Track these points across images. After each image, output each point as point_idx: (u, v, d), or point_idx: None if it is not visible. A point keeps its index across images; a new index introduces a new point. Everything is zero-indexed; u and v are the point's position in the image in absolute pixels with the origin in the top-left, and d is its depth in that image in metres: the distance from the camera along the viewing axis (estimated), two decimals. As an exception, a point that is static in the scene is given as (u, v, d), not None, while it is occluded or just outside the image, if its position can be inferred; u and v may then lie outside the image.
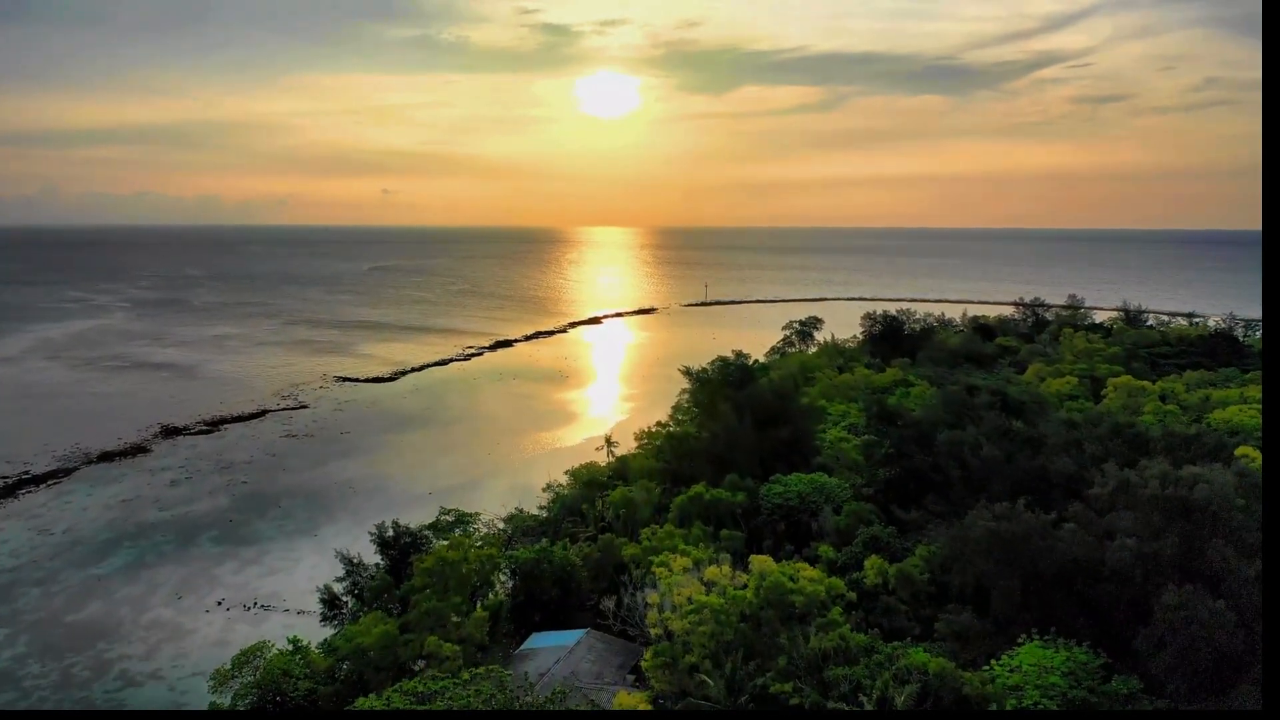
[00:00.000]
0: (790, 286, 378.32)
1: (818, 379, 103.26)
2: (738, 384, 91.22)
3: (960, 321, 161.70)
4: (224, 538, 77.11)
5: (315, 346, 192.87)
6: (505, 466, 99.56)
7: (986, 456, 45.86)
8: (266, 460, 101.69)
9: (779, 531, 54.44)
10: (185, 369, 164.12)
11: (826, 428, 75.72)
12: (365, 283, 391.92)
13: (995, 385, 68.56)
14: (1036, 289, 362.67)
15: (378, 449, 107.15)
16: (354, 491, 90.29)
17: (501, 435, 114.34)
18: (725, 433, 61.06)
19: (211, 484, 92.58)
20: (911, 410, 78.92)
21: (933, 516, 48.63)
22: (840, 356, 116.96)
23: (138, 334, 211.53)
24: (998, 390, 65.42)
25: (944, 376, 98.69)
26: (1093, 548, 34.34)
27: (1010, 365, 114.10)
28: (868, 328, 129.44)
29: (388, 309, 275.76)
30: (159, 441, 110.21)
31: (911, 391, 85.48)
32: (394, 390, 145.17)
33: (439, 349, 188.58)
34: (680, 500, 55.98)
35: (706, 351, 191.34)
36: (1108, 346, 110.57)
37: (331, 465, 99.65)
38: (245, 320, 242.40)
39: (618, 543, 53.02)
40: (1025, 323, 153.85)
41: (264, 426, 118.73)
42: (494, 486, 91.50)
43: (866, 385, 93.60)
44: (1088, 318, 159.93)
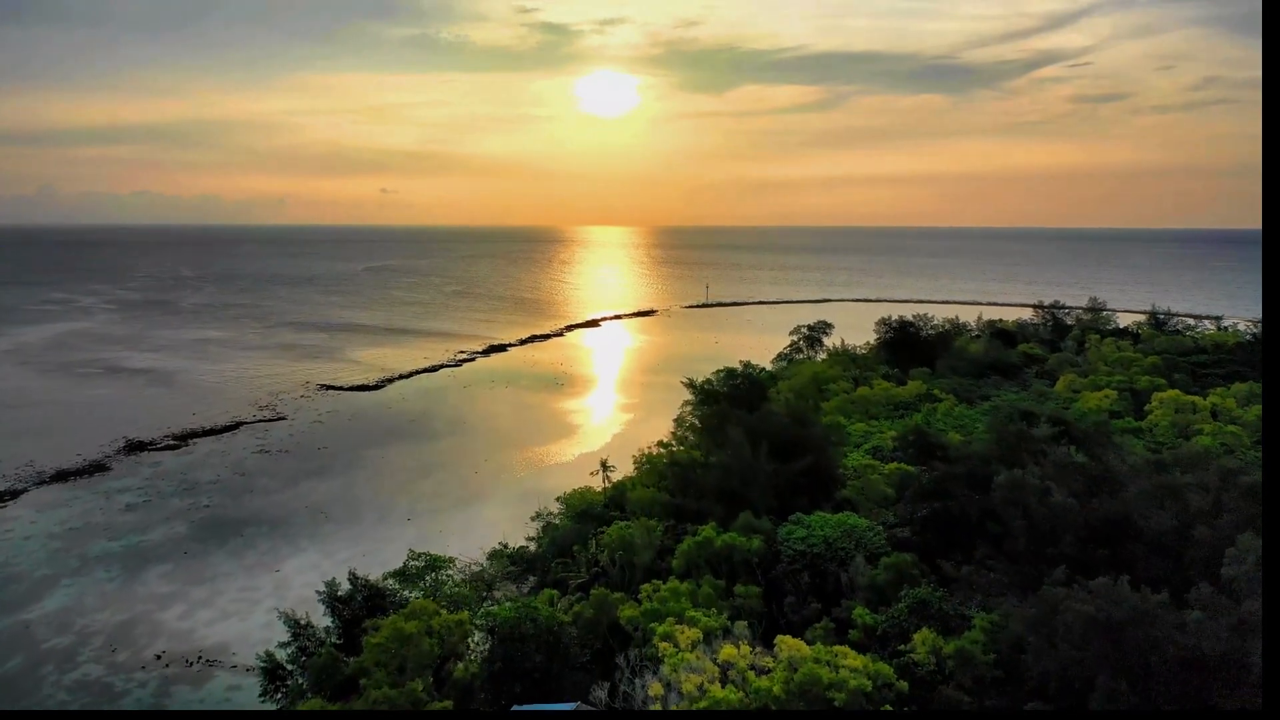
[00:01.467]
0: (792, 287, 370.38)
1: (832, 391, 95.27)
2: (747, 401, 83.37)
3: (976, 325, 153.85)
4: (176, 574, 69.05)
5: (301, 351, 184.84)
6: (492, 487, 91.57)
7: (1056, 505, 37.95)
8: (234, 481, 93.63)
9: (802, 584, 46.47)
10: (161, 376, 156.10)
11: (847, 450, 67.85)
12: (359, 283, 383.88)
13: (1055, 413, 60.35)
14: (1043, 289, 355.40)
15: (356, 466, 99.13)
16: (325, 517, 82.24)
17: (491, 450, 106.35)
18: (737, 462, 53.05)
19: (171, 508, 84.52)
20: (944, 432, 71.05)
21: (987, 571, 40.69)
22: (854, 365, 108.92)
23: (117, 338, 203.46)
24: (1058, 419, 57.36)
25: (970, 390, 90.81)
26: (1229, 645, 26.54)
27: (1037, 375, 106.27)
28: (882, 334, 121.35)
29: (379, 311, 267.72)
30: (121, 458, 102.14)
31: (939, 408, 77.53)
32: (379, 400, 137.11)
33: (429, 354, 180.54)
34: (686, 546, 47.99)
35: (708, 356, 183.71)
36: (1143, 355, 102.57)
37: (304, 486, 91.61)
38: (232, 323, 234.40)
39: (614, 599, 45.02)
40: (1045, 327, 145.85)
41: (236, 441, 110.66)
42: (479, 511, 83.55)
43: (888, 400, 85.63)
44: (1111, 321, 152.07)
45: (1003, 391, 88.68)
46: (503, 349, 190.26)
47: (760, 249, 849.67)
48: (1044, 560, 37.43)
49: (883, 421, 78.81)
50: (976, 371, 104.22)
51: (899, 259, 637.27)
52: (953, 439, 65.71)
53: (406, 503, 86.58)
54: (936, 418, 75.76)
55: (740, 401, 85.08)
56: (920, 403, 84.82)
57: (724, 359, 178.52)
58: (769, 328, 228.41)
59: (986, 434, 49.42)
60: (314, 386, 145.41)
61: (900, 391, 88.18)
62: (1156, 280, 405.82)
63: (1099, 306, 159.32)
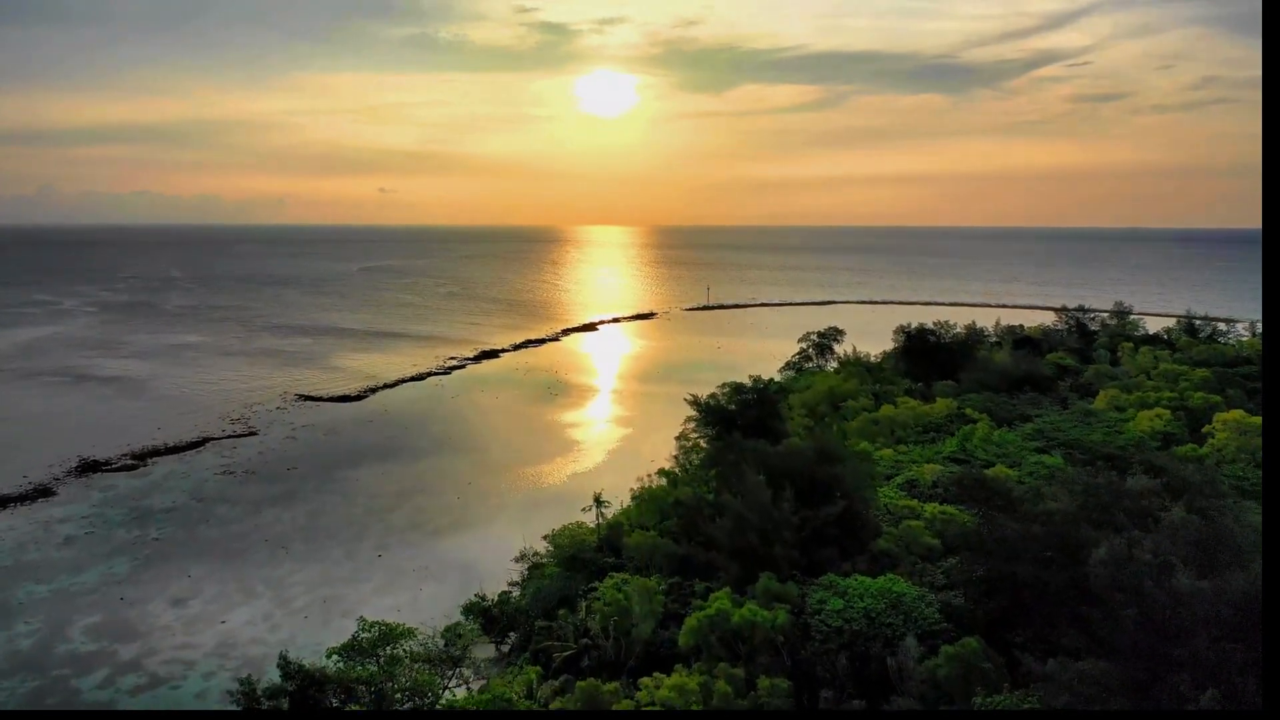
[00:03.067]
0: (795, 288, 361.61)
1: (850, 409, 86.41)
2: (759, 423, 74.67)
3: (994, 331, 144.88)
4: (104, 628, 60.12)
5: (283, 357, 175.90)
6: (476, 516, 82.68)
7: (1183, 590, 29.24)
8: (190, 508, 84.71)
9: (838, 669, 37.68)
10: (132, 385, 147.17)
11: (876, 481, 58.97)
12: (352, 284, 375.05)
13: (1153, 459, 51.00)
14: (1052, 290, 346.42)
15: (327, 490, 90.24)
16: (286, 553, 73.34)
17: (476, 471, 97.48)
18: (754, 512, 44.20)
19: (115, 542, 75.63)
20: (987, 462, 62.17)
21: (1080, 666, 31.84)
22: (871, 378, 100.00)
23: (92, 343, 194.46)
24: (1153, 465, 48.30)
25: (1005, 408, 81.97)
26: None
27: (1072, 389, 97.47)
28: (900, 342, 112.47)
29: (369, 314, 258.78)
30: (70, 481, 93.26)
31: (976, 432, 68.66)
32: (360, 412, 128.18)
33: (418, 360, 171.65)
34: (695, 621, 39.15)
35: (711, 363, 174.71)
36: (1189, 367, 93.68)
37: (266, 514, 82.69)
38: (215, 326, 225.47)
39: (606, 692, 36.16)
40: (1070, 333, 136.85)
41: (200, 460, 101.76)
42: (459, 545, 74.67)
43: (915, 421, 76.74)
44: (1139, 327, 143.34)
45: (1044, 411, 79.79)
46: (495, 355, 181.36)
47: (760, 249, 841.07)
48: (1168, 662, 28.63)
49: (913, 448, 69.99)
50: (1006, 385, 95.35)
51: (900, 259, 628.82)
52: (1002, 473, 56.92)
53: (379, 534, 77.67)
54: (974, 443, 66.93)
55: (751, 425, 76.44)
56: (951, 424, 75.94)
57: (727, 365, 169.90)
58: (773, 331, 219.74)
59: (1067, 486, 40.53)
60: (291, 397, 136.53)
61: (928, 410, 79.27)
62: (1165, 281, 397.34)
63: (1124, 310, 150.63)
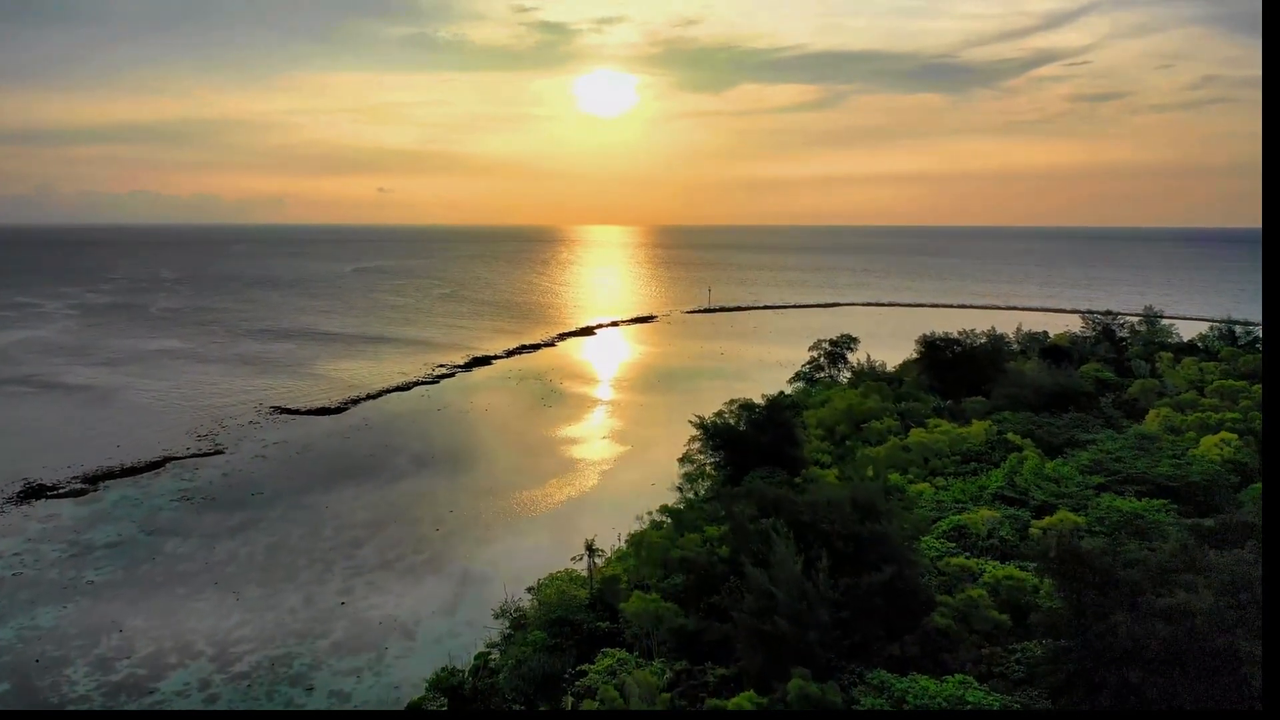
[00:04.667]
0: (796, 290, 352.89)
1: (873, 431, 77.51)
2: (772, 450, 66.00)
3: (1015, 338, 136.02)
4: (7, 701, 51.24)
5: (263, 364, 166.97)
6: (455, 551, 73.76)
7: None
8: (137, 542, 75.84)
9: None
10: (99, 395, 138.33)
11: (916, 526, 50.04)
12: (345, 286, 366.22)
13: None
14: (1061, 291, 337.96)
15: (291, 520, 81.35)
16: (236, 600, 64.45)
17: (458, 495, 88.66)
18: (784, 587, 35.33)
19: (44, 586, 66.73)
20: (1049, 502, 53.30)
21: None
22: (894, 394, 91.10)
23: (66, 348, 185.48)
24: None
25: (1050, 430, 73.07)
26: None
27: (1115, 406, 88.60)
28: (922, 352, 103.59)
29: (359, 317, 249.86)
30: (9, 509, 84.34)
31: (1025, 465, 59.74)
32: (339, 425, 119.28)
33: (405, 367, 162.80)
34: (711, 742, 30.36)
35: (714, 370, 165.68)
36: (1250, 384, 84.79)
37: (220, 550, 73.78)
38: (197, 330, 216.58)
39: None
40: (1100, 342, 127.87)
41: (157, 484, 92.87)
42: (434, 590, 65.82)
43: (951, 448, 67.79)
44: (1171, 334, 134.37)
45: (1094, 435, 70.84)
46: (487, 361, 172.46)
47: (760, 248, 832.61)
48: None
49: (952, 482, 61.05)
50: (1041, 401, 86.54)
51: (902, 259, 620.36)
52: (1068, 521, 48.06)
53: (344, 575, 68.79)
54: (1024, 477, 58.06)
55: (764, 450, 67.74)
56: (993, 451, 67.01)
57: (731, 374, 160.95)
58: (777, 335, 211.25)
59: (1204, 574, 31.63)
60: (267, 409, 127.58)
61: (965, 433, 70.32)
62: (1171, 282, 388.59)
63: (1154, 314, 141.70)
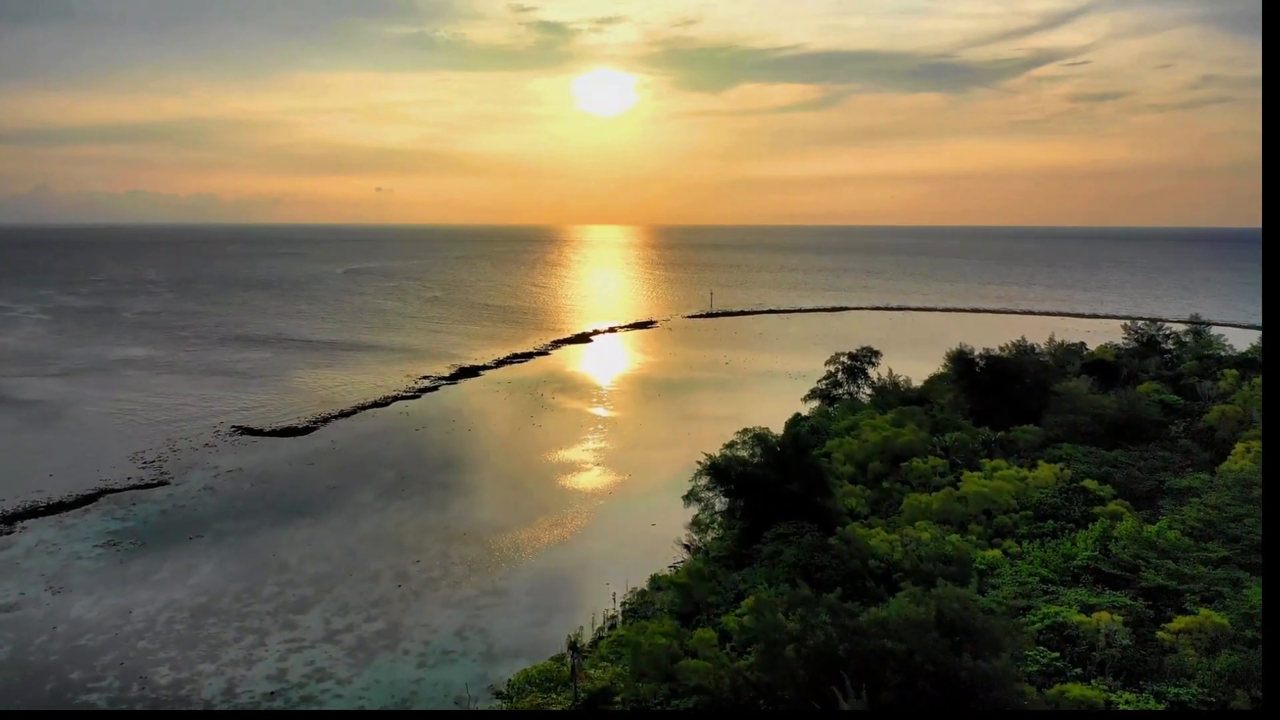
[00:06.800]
0: (800, 292, 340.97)
1: (915, 472, 65.48)
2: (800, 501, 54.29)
3: (1047, 350, 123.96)
4: None
5: (232, 375, 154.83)
6: (411, 622, 61.37)
7: None
8: (39, 603, 63.77)
9: None
10: (48, 411, 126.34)
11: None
12: (334, 288, 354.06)
13: None
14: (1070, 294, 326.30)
15: (228, 573, 69.22)
16: (146, 685, 52.40)
17: (428, 540, 76.57)
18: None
19: (-89, 667, 54.68)
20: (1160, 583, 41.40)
21: None
22: (930, 421, 79.00)
23: (24, 357, 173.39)
24: None
25: (1131, 474, 61.05)
26: None
27: (1189, 435, 76.68)
28: (959, 371, 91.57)
29: (343, 322, 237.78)
30: (-99, 558, 72.30)
31: (1120, 526, 47.69)
32: (303, 450, 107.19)
33: (385, 379, 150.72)
34: None
35: (719, 382, 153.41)
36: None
37: (135, 618, 61.57)
38: (169, 336, 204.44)
39: None
40: (1147, 353, 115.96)
41: (83, 524, 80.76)
42: (378, 684, 53.55)
43: (1021, 499, 55.71)
44: (1222, 346, 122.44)
45: (1183, 479, 58.79)
46: (475, 373, 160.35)
47: (761, 249, 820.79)
48: None
49: (1028, 548, 48.93)
50: (1104, 431, 74.73)
51: (904, 259, 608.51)
52: (1210, 622, 36.09)
53: (279, 654, 56.61)
54: (1121, 547, 46.07)
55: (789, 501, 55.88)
56: (1069, 504, 54.91)
57: (737, 385, 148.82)
58: (784, 343, 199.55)
59: None
60: (227, 430, 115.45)
61: (1032, 479, 58.25)
62: (1187, 284, 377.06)
63: (1201, 323, 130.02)
